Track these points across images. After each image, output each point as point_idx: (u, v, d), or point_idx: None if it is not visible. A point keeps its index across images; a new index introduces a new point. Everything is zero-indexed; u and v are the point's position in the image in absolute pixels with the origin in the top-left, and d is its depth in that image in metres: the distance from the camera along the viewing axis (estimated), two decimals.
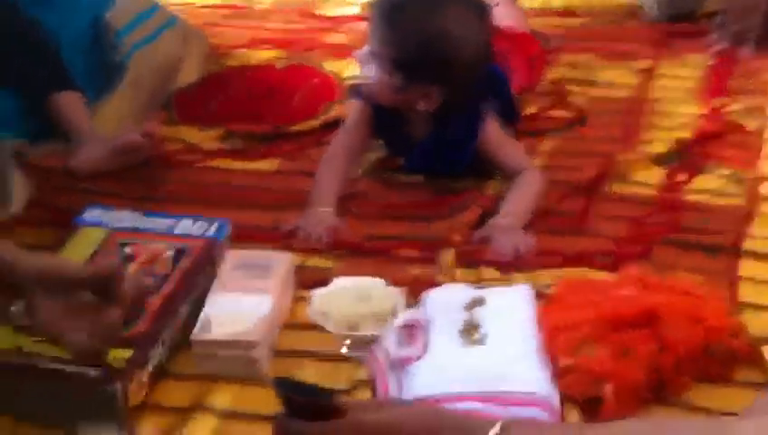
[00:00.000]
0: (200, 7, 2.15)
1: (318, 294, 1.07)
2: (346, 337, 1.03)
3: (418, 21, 1.31)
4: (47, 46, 1.56)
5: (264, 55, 1.89)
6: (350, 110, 1.47)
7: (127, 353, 0.99)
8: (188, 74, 1.78)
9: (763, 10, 1.75)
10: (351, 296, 1.06)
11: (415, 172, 1.44)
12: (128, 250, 1.16)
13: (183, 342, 1.07)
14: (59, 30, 1.63)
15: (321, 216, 1.31)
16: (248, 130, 1.59)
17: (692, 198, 1.35)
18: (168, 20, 1.83)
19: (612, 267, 1.19)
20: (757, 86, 1.64)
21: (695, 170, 1.41)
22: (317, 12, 2.09)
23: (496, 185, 1.38)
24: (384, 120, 1.41)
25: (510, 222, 1.28)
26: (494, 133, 1.39)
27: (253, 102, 1.71)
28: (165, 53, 1.75)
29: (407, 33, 1.31)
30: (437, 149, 1.40)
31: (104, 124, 1.57)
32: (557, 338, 0.98)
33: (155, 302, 1.07)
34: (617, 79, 1.71)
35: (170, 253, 1.16)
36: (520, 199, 1.32)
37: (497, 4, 1.87)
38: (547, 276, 1.18)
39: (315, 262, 1.24)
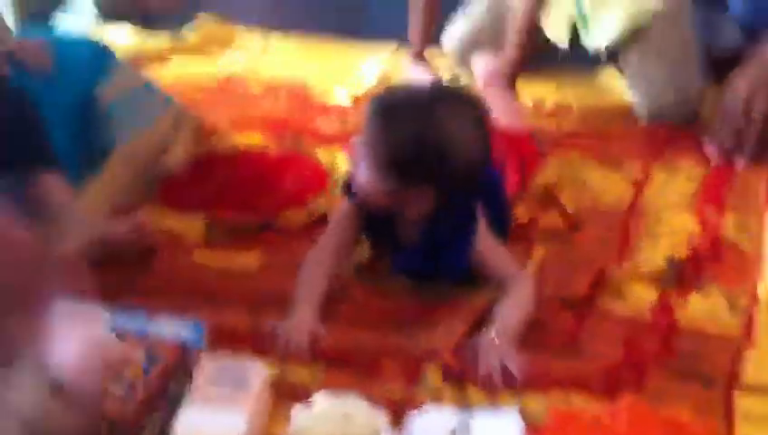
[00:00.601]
0: (191, 85, 2.12)
1: (298, 414, 1.02)
2: None
3: (414, 122, 1.26)
4: (32, 122, 1.52)
5: (252, 139, 1.85)
6: (338, 206, 1.42)
7: None
8: (176, 157, 1.74)
9: (759, 122, 1.74)
10: (333, 419, 1.00)
11: (403, 275, 1.39)
12: None
13: None
14: (50, 104, 1.59)
15: (303, 322, 1.25)
16: (233, 220, 1.54)
17: (686, 320, 1.31)
18: (164, 100, 1.80)
19: (605, 393, 1.15)
20: (752, 202, 1.62)
21: (688, 291, 1.37)
22: (310, 98, 2.06)
23: (488, 294, 1.34)
24: (373, 220, 1.37)
25: (500, 338, 1.23)
26: (486, 240, 1.34)
27: (241, 190, 1.67)
28: (157, 135, 1.72)
29: (402, 135, 1.26)
30: (427, 253, 1.35)
31: (89, 205, 1.53)
32: None
33: (122, 413, 1.01)
34: (609, 185, 1.68)
35: (142, 356, 1.10)
36: (511, 313, 1.27)
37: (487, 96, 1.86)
38: (538, 401, 1.14)
39: (294, 372, 1.19)
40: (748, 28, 2.03)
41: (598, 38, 1.98)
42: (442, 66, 2.13)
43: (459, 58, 2.12)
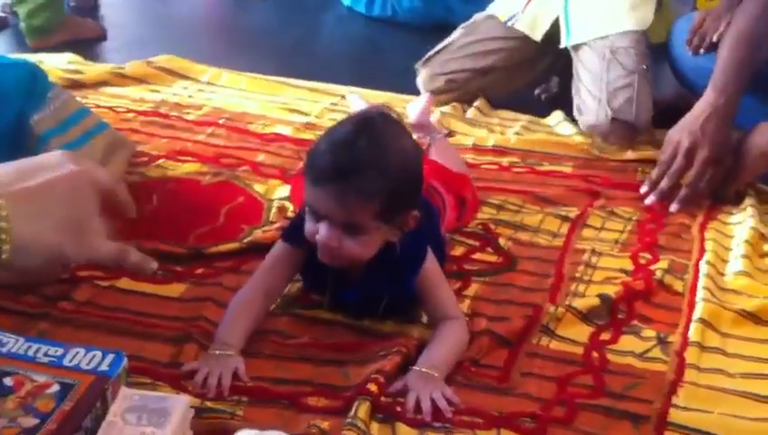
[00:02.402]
0: (125, 111, 2.08)
1: None
2: None
3: (387, 151, 1.19)
4: None
5: (186, 168, 1.81)
6: (275, 248, 1.34)
7: None
8: None
9: (696, 169, 1.76)
10: None
11: (339, 310, 1.35)
12: (7, 381, 1.04)
13: None
14: None
15: (224, 359, 1.20)
16: (161, 249, 1.50)
17: (618, 359, 1.30)
18: (97, 125, 1.76)
19: (536, 433, 1.13)
20: (684, 245, 1.63)
21: (620, 330, 1.37)
22: (248, 128, 2.04)
23: (420, 331, 1.32)
24: (314, 263, 1.29)
25: (431, 373, 1.20)
26: (433, 272, 1.31)
27: (172, 218, 1.63)
28: (87, 157, 1.66)
29: (389, 168, 1.17)
30: (372, 285, 1.30)
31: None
32: None
33: None
34: (545, 225, 1.68)
35: (56, 388, 1.04)
36: (443, 350, 1.25)
37: (428, 147, 1.86)
38: None
39: (215, 405, 1.15)
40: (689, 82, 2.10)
41: (573, 38, 2.13)
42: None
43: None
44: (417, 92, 2.22)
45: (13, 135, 1.60)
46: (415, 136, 1.87)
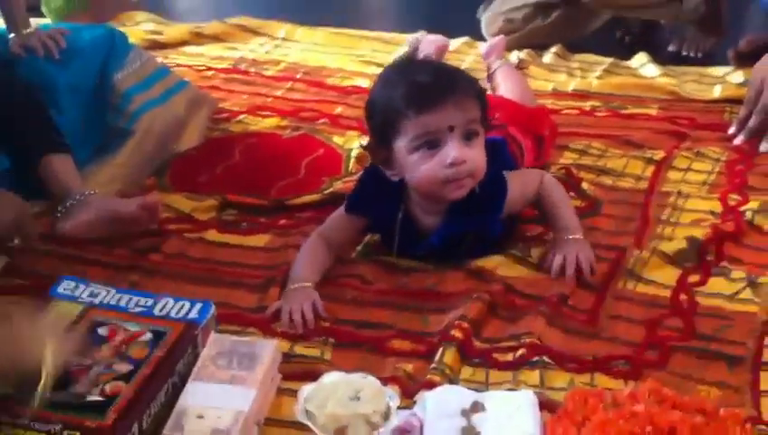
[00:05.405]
0: (205, 69, 2.11)
1: (305, 390, 0.99)
2: None
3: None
4: (41, 110, 1.51)
5: (266, 123, 1.83)
6: (336, 213, 1.36)
7: None
8: (190, 139, 1.73)
9: None
10: (341, 395, 0.97)
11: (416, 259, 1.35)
12: (102, 331, 1.08)
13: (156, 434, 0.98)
14: (64, 87, 1.60)
15: (301, 291, 1.24)
16: (245, 202, 1.52)
17: (707, 301, 1.27)
18: (178, 83, 1.80)
19: (630, 375, 1.12)
20: None
21: (709, 272, 1.33)
22: (326, 81, 2.04)
23: (504, 266, 1.32)
24: (384, 223, 1.34)
25: (577, 237, 1.33)
26: (515, 192, 1.33)
27: (254, 172, 1.65)
28: (171, 117, 1.71)
29: (468, 76, 1.33)
30: (455, 228, 1.31)
31: (102, 185, 1.51)
32: None
33: (127, 391, 0.99)
34: (629, 168, 1.64)
35: (148, 336, 1.08)
36: (563, 214, 1.36)
37: (494, 71, 1.84)
38: (560, 379, 1.11)
39: (303, 350, 1.17)
40: None
41: None
42: None
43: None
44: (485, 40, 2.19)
45: (95, 91, 1.65)
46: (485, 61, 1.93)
